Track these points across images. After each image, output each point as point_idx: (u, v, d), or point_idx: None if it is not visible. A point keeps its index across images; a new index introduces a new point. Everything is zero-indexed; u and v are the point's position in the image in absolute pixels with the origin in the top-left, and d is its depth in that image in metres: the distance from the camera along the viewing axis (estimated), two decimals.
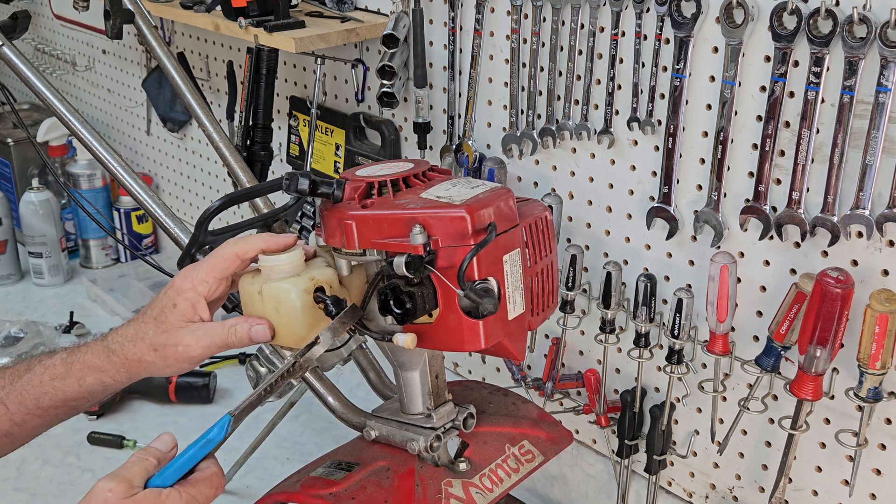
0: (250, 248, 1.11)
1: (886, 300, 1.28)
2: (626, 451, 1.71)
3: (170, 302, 1.10)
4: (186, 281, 1.10)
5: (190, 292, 1.09)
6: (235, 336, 1.09)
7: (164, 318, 1.10)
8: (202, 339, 1.08)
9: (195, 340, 1.08)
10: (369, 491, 1.19)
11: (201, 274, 1.10)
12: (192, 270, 1.11)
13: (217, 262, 1.11)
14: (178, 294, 1.10)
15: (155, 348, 1.09)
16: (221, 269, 1.11)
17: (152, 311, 1.11)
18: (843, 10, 1.26)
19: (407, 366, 1.23)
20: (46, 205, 2.77)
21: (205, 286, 1.10)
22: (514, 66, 1.70)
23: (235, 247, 1.11)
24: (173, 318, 1.09)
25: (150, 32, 1.71)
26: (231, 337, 1.09)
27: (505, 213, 1.12)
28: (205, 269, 1.11)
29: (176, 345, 1.08)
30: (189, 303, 1.09)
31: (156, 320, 1.10)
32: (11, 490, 2.01)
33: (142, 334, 1.10)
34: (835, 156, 1.31)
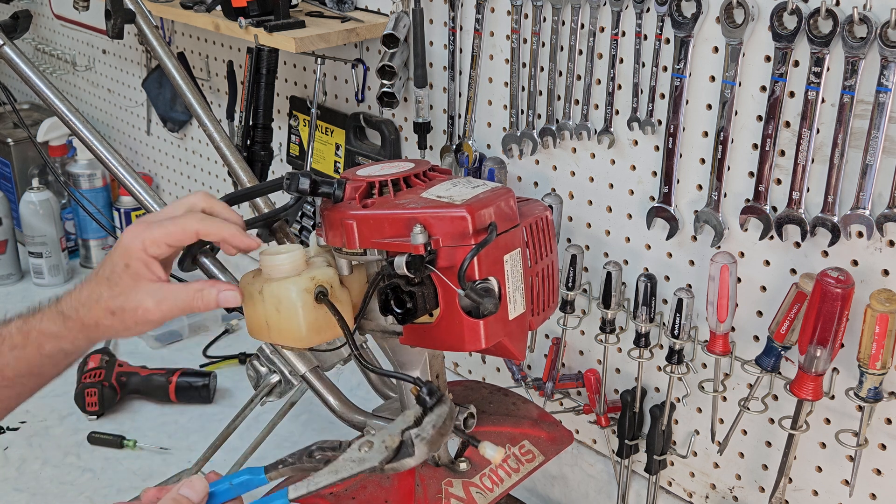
0: (213, 234, 1.07)
1: (886, 300, 1.28)
2: (626, 451, 1.71)
3: (121, 262, 1.05)
4: (136, 241, 1.04)
5: (140, 252, 1.04)
6: (202, 301, 1.05)
7: (118, 279, 1.04)
8: (163, 302, 1.04)
9: (155, 304, 1.04)
10: (370, 491, 1.19)
11: (155, 235, 1.04)
12: (143, 230, 1.05)
13: (175, 231, 1.05)
14: (128, 254, 1.04)
15: (112, 311, 1.04)
16: (177, 239, 1.06)
17: (103, 271, 1.06)
18: (844, 9, 1.26)
19: (407, 365, 1.23)
20: (46, 205, 2.77)
21: (155, 249, 1.05)
22: (514, 66, 1.70)
23: (200, 225, 1.06)
24: (127, 278, 1.04)
25: (151, 32, 1.71)
26: (197, 301, 1.05)
27: (505, 212, 1.12)
28: (160, 233, 1.04)
29: (135, 308, 1.04)
30: (141, 262, 1.04)
31: (108, 281, 1.05)
32: (11, 490, 2.01)
33: (96, 297, 1.05)
34: (835, 156, 1.31)
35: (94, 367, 2.24)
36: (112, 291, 1.04)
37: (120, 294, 1.04)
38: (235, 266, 2.58)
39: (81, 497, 1.99)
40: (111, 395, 2.21)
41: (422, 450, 1.01)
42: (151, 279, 1.04)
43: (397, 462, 1.01)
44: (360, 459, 1.02)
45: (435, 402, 1.06)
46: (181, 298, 1.04)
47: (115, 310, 1.04)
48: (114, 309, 1.04)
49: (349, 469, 1.02)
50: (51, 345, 1.08)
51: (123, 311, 1.04)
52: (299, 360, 1.41)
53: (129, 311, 1.03)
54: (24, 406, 2.30)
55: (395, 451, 1.02)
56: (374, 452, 1.02)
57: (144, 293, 1.03)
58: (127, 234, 1.05)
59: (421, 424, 1.05)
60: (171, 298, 1.04)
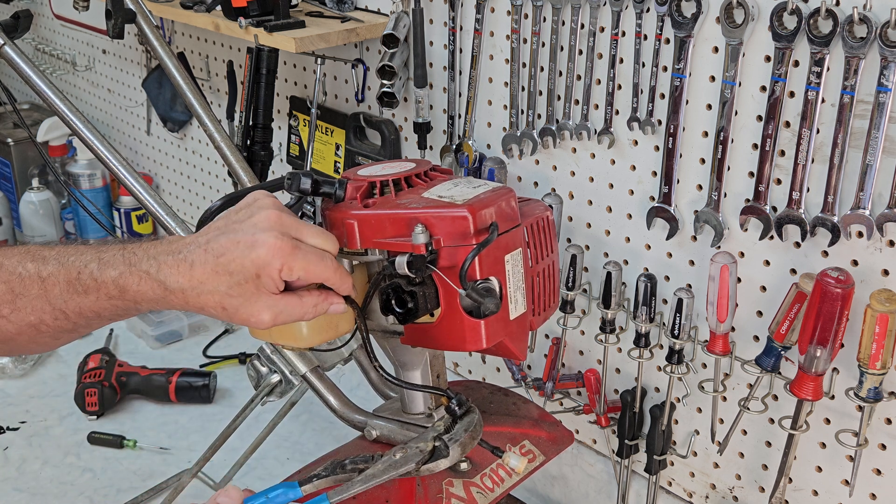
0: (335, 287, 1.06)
1: (886, 300, 1.28)
2: (626, 451, 1.71)
3: (253, 269, 0.99)
4: (277, 261, 0.99)
5: (275, 273, 0.99)
6: (315, 314, 1.04)
7: (242, 283, 0.99)
8: (280, 315, 1.01)
9: (272, 317, 1.01)
10: (370, 490, 1.19)
11: (296, 265, 1.00)
12: (288, 252, 1.00)
13: (313, 271, 1.02)
14: (265, 269, 0.99)
15: (224, 307, 1.00)
16: (311, 277, 1.03)
17: (228, 263, 0.99)
18: (844, 9, 1.26)
19: (408, 365, 1.23)
20: (46, 205, 2.77)
21: (290, 276, 1.01)
22: (514, 66, 1.70)
23: (333, 275, 1.04)
24: (252, 287, 0.99)
25: (152, 32, 1.71)
26: (309, 315, 1.04)
27: (507, 212, 1.12)
28: (301, 265, 1.01)
29: (249, 315, 1.01)
30: (272, 281, 1.00)
31: (230, 278, 0.99)
32: (11, 490, 2.01)
33: (211, 288, 1.00)
34: (835, 156, 1.31)
35: (94, 367, 2.24)
36: (231, 290, 1.00)
37: (239, 296, 1.00)
38: None
39: (81, 497, 1.99)
40: (111, 395, 2.21)
41: (456, 451, 1.09)
42: (274, 293, 1.01)
43: (433, 463, 1.09)
44: (396, 463, 1.10)
45: (464, 411, 1.17)
46: (297, 313, 1.03)
47: (229, 307, 1.01)
48: (227, 306, 1.01)
49: (386, 473, 1.08)
50: (147, 305, 1.04)
51: (237, 312, 1.01)
52: (300, 359, 1.41)
53: (243, 315, 1.01)
54: (24, 406, 2.32)
55: (429, 454, 1.10)
56: (410, 456, 1.09)
57: (264, 305, 1.01)
58: (269, 247, 0.99)
59: (452, 430, 1.15)
60: (287, 312, 1.02)
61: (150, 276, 1.02)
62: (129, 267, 1.03)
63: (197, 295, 1.00)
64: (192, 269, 1.00)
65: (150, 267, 1.02)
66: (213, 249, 1.01)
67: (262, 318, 1.01)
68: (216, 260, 1.00)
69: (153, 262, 1.02)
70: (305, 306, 1.03)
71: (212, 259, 1.00)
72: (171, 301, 1.02)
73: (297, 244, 1.01)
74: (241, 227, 1.01)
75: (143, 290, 1.02)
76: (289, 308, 1.02)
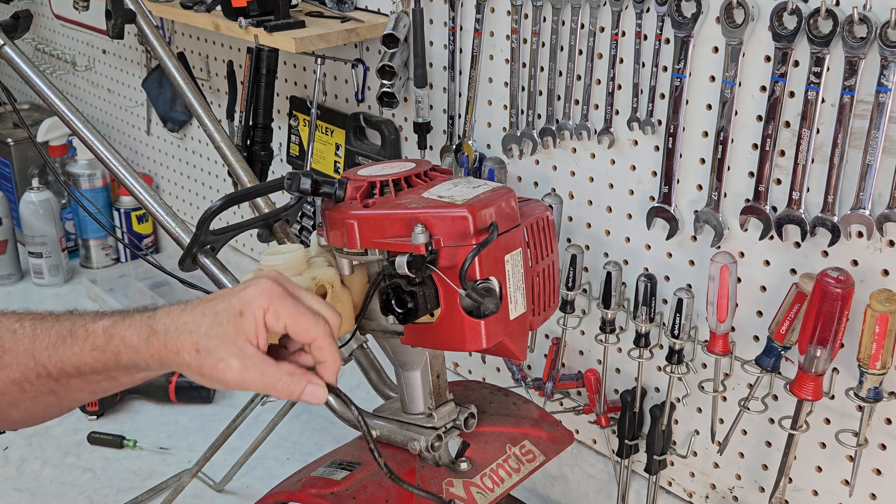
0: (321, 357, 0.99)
1: (886, 300, 1.28)
2: (626, 451, 1.71)
3: (237, 307, 0.96)
4: (263, 300, 0.95)
5: (259, 313, 0.95)
6: (286, 388, 0.97)
7: (223, 322, 0.95)
8: (248, 370, 0.95)
9: (240, 368, 0.95)
10: (370, 491, 1.19)
11: (283, 311, 0.96)
12: (277, 296, 0.96)
13: (302, 324, 0.96)
14: (249, 306, 0.95)
15: (198, 349, 0.95)
16: (298, 331, 0.97)
17: (215, 305, 0.97)
18: (844, 9, 1.26)
19: (408, 365, 1.23)
20: (46, 205, 2.77)
21: (274, 322, 0.96)
22: (514, 66, 1.70)
23: (323, 341, 0.98)
24: (231, 327, 0.95)
25: (152, 32, 1.71)
26: (281, 385, 0.96)
27: (506, 212, 1.12)
28: (289, 312, 0.96)
29: (218, 360, 0.95)
30: (253, 323, 0.95)
31: (214, 318, 0.96)
32: (11, 490, 2.01)
33: (193, 327, 0.96)
34: (835, 156, 1.31)
35: None
36: (211, 330, 0.95)
37: (216, 337, 0.95)
38: (236, 266, 2.59)
39: (81, 497, 1.99)
40: (111, 395, 2.21)
41: None
42: (251, 342, 0.95)
43: None
44: None
45: None
46: (267, 375, 0.96)
47: (202, 349, 0.95)
48: (201, 348, 0.95)
49: None
50: (127, 356, 1.00)
51: (208, 355, 0.95)
52: None
53: (212, 360, 0.95)
54: None
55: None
56: None
57: (236, 351, 0.95)
58: (260, 286, 0.96)
59: None
60: (257, 370, 0.95)
61: (142, 320, 1.00)
62: (125, 317, 1.01)
63: (177, 335, 0.97)
64: (183, 312, 0.98)
65: (147, 314, 1.00)
66: (209, 297, 0.99)
67: (230, 365, 0.94)
68: (206, 304, 0.98)
69: (154, 311, 1.01)
70: (279, 373, 0.96)
71: (203, 303, 0.98)
72: (151, 346, 0.98)
73: (290, 293, 0.97)
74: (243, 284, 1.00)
75: (127, 336, 0.99)
76: (260, 366, 0.95)
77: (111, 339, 1.00)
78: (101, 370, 1.01)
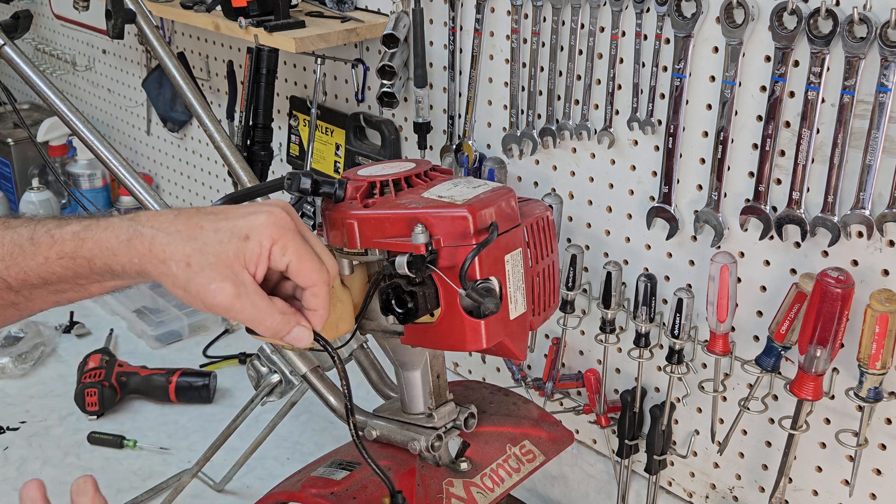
0: (312, 305, 0.91)
1: (886, 300, 1.28)
2: (626, 451, 1.71)
3: (244, 229, 0.87)
4: (273, 230, 0.87)
5: (267, 243, 0.87)
6: (273, 324, 0.88)
7: (225, 240, 0.86)
8: (241, 298, 0.86)
9: (233, 295, 0.85)
10: (370, 490, 1.19)
11: (290, 247, 0.88)
12: (287, 232, 0.88)
13: (306, 266, 0.89)
14: (257, 233, 0.87)
15: (189, 263, 0.85)
16: (300, 273, 0.89)
17: (216, 221, 0.88)
18: (844, 9, 1.26)
19: (408, 365, 1.23)
20: (47, 204, 2.77)
21: (280, 257, 0.88)
22: (514, 66, 1.70)
23: (321, 288, 0.90)
24: (233, 248, 0.86)
25: (152, 32, 1.72)
26: (269, 320, 0.88)
27: (507, 212, 1.12)
28: (295, 252, 0.88)
29: (210, 280, 0.85)
30: (257, 251, 0.87)
31: (216, 234, 0.86)
32: (11, 490, 2.00)
33: (188, 237, 0.86)
34: (835, 156, 1.31)
35: (94, 367, 2.24)
36: (207, 247, 0.86)
37: (213, 255, 0.85)
38: None
39: None
40: (111, 395, 2.21)
41: None
42: (250, 270, 0.87)
43: None
44: None
45: None
46: (258, 308, 0.87)
47: (194, 264, 0.85)
48: (193, 263, 0.85)
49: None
50: (102, 261, 0.89)
51: (200, 271, 0.85)
52: (300, 359, 1.41)
53: (204, 278, 0.85)
54: (24, 406, 2.32)
55: None
56: None
57: (231, 274, 0.85)
58: (274, 215, 0.88)
59: None
60: (249, 300, 0.87)
61: (123, 222, 0.89)
62: (100, 221, 0.91)
63: (167, 242, 0.86)
64: (176, 219, 0.88)
65: (129, 216, 0.90)
66: (207, 209, 0.90)
67: (223, 288, 0.85)
68: (205, 216, 0.88)
69: (137, 214, 0.91)
70: (271, 309, 0.88)
71: (201, 215, 0.88)
72: (132, 249, 0.87)
73: (300, 231, 0.90)
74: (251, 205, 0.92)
75: (104, 239, 0.88)
76: (254, 297, 0.87)
77: (83, 244, 0.90)
78: (70, 278, 0.92)
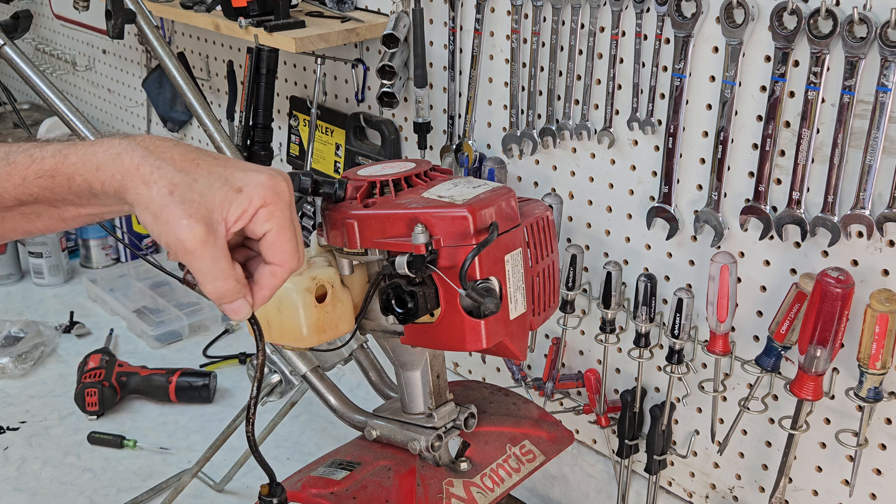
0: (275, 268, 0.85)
1: (887, 300, 1.28)
2: (626, 450, 1.71)
3: (238, 182, 0.82)
4: (270, 193, 0.82)
5: (256, 202, 0.82)
6: (223, 289, 0.82)
7: (214, 184, 0.81)
8: (207, 247, 0.80)
9: (201, 240, 0.80)
10: (370, 490, 1.19)
11: (278, 214, 0.83)
12: (282, 198, 0.83)
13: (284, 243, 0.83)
14: (251, 189, 0.82)
15: (172, 191, 0.80)
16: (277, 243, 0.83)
17: (212, 164, 0.83)
18: (844, 9, 1.26)
19: (408, 365, 1.23)
20: None
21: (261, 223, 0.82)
22: (514, 66, 1.70)
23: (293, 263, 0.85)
24: (220, 195, 0.80)
25: (152, 32, 1.72)
26: (222, 284, 0.81)
27: (506, 212, 1.12)
28: (279, 224, 0.83)
29: (185, 215, 0.79)
30: (244, 208, 0.81)
31: (209, 175, 0.82)
32: (11, 490, 2.01)
33: (180, 168, 0.81)
34: (835, 156, 1.31)
35: (94, 367, 2.24)
36: (196, 183, 0.81)
37: (197, 192, 0.80)
38: None
39: (81, 497, 1.99)
40: (111, 395, 2.21)
41: None
42: (227, 223, 0.81)
43: None
44: None
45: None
46: (218, 265, 0.81)
47: (175, 194, 0.79)
48: (175, 191, 0.79)
49: None
50: (83, 177, 0.83)
51: (179, 203, 0.79)
52: (300, 359, 1.41)
53: (179, 211, 0.79)
54: (24, 406, 2.32)
55: None
56: None
57: (208, 220, 0.80)
58: (274, 179, 0.83)
59: None
60: (212, 252, 0.81)
61: (117, 139, 0.84)
62: (87, 141, 0.86)
63: (158, 165, 0.81)
64: (175, 146, 0.84)
65: (125, 136, 0.85)
66: (207, 151, 0.85)
67: (194, 228, 0.79)
68: (203, 156, 0.84)
69: (133, 136, 0.86)
70: (229, 272, 0.81)
71: (199, 153, 0.84)
72: (119, 163, 0.81)
73: (292, 207, 0.85)
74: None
75: (90, 153, 0.83)
76: (219, 251, 0.81)
77: (65, 159, 0.84)
78: (46, 200, 0.86)
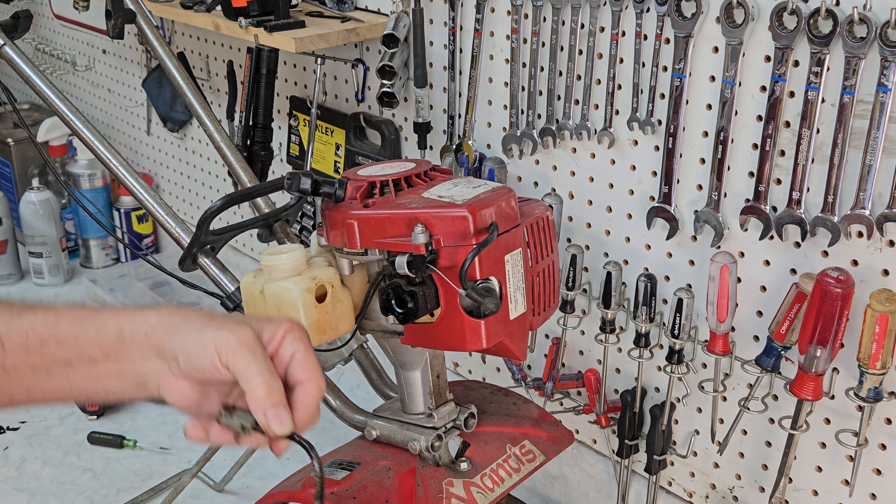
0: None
1: (886, 300, 1.28)
2: (626, 450, 1.71)
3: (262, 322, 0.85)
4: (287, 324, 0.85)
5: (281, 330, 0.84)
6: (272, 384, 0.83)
7: (243, 323, 0.84)
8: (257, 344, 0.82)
9: (253, 338, 0.82)
10: (370, 490, 1.19)
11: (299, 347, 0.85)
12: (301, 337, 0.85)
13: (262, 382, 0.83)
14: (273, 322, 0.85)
15: (207, 325, 0.83)
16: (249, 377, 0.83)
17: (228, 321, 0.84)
18: (844, 9, 1.26)
19: (408, 365, 1.23)
20: (47, 205, 2.77)
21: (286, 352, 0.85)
22: (514, 66, 1.70)
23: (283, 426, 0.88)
24: (252, 326, 0.83)
25: (152, 32, 1.72)
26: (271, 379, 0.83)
27: (506, 212, 1.12)
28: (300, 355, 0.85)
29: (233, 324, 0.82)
30: (272, 330, 0.84)
31: (236, 323, 0.84)
32: (11, 490, 2.01)
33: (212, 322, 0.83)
34: (835, 156, 1.31)
35: None
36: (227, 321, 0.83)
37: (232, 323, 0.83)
38: (236, 266, 2.58)
39: (81, 497, 1.99)
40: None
41: None
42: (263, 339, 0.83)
43: None
44: None
45: None
46: (265, 364, 0.83)
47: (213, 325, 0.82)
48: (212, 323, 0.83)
49: None
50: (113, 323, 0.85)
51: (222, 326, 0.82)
52: None
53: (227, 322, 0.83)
54: None
55: None
56: None
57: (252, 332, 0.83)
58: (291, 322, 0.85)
59: None
60: (261, 350, 0.83)
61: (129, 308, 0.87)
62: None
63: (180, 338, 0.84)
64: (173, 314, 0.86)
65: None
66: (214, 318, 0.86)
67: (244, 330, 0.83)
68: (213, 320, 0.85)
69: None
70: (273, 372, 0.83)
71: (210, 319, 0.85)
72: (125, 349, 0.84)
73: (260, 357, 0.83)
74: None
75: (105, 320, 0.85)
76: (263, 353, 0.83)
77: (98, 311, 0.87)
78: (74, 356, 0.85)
